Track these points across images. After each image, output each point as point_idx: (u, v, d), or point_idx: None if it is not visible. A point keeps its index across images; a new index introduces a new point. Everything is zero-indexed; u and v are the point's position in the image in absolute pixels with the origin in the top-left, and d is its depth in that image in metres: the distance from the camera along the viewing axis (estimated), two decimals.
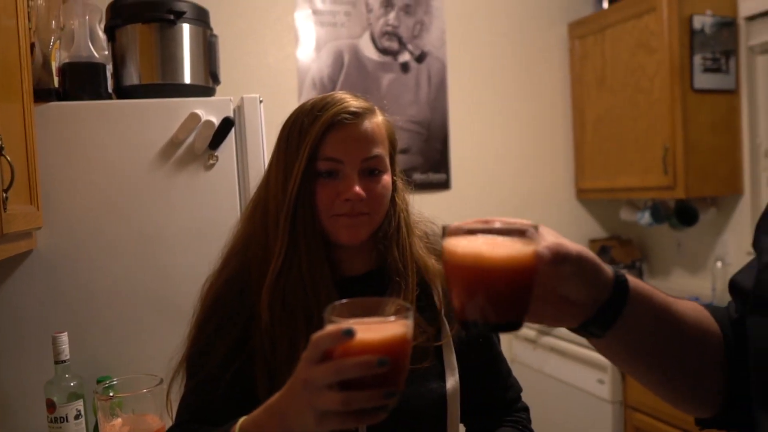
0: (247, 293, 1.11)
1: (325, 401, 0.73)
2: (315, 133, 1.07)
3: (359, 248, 1.13)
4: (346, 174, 1.08)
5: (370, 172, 1.10)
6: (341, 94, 1.13)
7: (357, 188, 1.06)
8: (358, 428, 1.04)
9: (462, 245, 0.64)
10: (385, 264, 1.14)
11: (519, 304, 0.65)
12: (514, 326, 0.65)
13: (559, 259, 0.63)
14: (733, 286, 0.78)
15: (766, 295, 0.68)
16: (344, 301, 0.77)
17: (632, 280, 0.69)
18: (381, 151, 1.11)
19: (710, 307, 0.79)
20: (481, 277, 0.63)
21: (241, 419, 0.91)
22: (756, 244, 0.74)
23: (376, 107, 1.15)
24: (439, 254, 1.19)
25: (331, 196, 1.08)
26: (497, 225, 0.65)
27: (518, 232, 0.63)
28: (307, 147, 1.07)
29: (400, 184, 1.18)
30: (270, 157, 1.17)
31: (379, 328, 0.72)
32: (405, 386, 0.75)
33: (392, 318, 0.73)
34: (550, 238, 0.65)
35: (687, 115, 2.75)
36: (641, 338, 0.71)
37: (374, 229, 1.13)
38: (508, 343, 3.24)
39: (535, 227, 0.64)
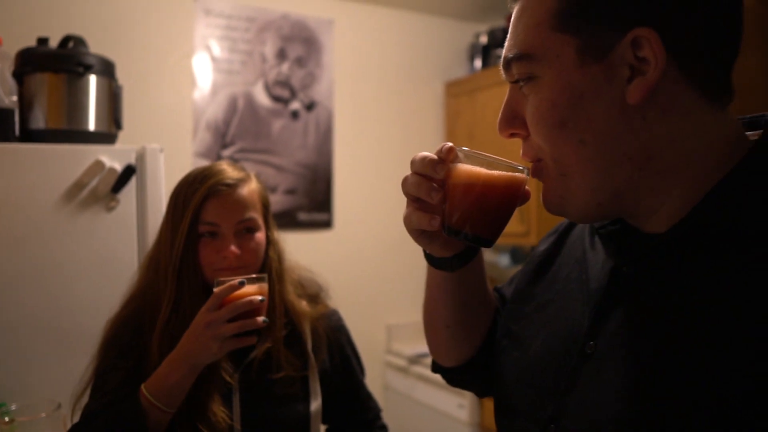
0: (141, 333, 1.30)
1: (227, 330, 1.13)
2: (196, 201, 1.29)
3: None
4: (224, 235, 1.30)
5: (245, 231, 1.32)
6: (220, 166, 1.35)
7: (232, 247, 1.29)
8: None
9: (469, 168, 0.75)
10: None
11: (499, 224, 0.76)
12: (487, 243, 0.76)
13: (527, 199, 0.78)
14: (496, 290, 1.03)
15: (509, 326, 0.90)
16: (222, 279, 1.21)
17: None
18: (254, 213, 1.33)
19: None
20: (480, 194, 0.74)
21: (143, 384, 1.18)
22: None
23: (252, 175, 1.39)
24: (311, 298, 1.44)
25: (212, 254, 1.30)
26: (495, 157, 0.75)
27: (513, 168, 0.75)
28: (189, 213, 1.29)
29: (274, 238, 1.41)
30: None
31: (253, 282, 1.21)
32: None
33: (255, 275, 1.22)
34: None
35: None
36: (469, 284, 0.91)
37: None
38: (382, 371, 3.48)
39: (528, 169, 0.75)
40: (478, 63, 3.67)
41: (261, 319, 1.18)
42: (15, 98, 1.81)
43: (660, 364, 0.63)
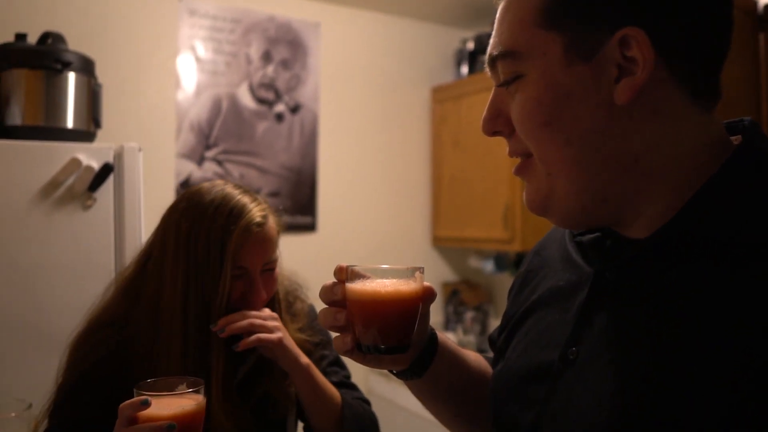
0: (122, 377, 1.14)
1: None
2: (232, 248, 1.18)
3: None
4: (251, 278, 1.22)
5: (268, 270, 1.26)
6: (241, 199, 1.23)
7: (263, 294, 1.23)
8: None
9: (356, 287, 0.76)
10: None
11: (405, 332, 0.77)
12: (401, 350, 0.77)
13: (432, 298, 0.79)
14: (490, 340, 1.00)
15: (498, 346, 0.89)
16: (149, 380, 0.98)
17: (439, 333, 0.89)
18: (277, 252, 1.27)
19: (484, 355, 1.01)
20: (377, 310, 0.75)
21: None
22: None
23: (267, 206, 1.28)
24: (290, 305, 1.40)
25: (235, 296, 1.22)
26: (386, 267, 0.77)
27: (405, 274, 0.76)
28: (229, 259, 1.18)
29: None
30: (149, 239, 1.27)
31: (170, 402, 0.95)
32: None
33: (189, 391, 0.97)
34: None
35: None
36: (442, 378, 0.89)
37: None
38: (365, 377, 3.46)
39: (421, 269, 0.76)
40: (464, 69, 3.67)
41: None
42: None
43: (643, 369, 0.62)
